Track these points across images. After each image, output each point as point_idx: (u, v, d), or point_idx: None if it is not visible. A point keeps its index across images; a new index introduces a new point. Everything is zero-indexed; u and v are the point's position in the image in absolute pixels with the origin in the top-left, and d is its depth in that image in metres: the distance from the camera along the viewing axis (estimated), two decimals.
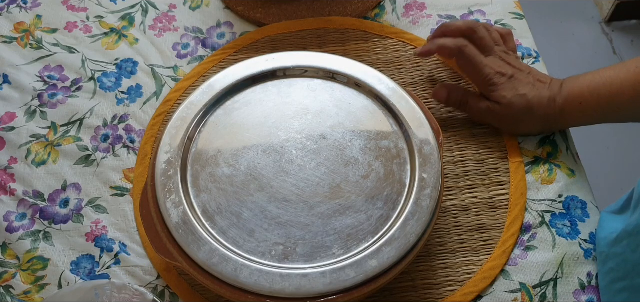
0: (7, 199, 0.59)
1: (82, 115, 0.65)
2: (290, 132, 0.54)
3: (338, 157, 0.52)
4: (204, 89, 0.55)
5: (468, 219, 0.58)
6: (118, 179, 0.61)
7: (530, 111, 0.56)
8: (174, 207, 0.49)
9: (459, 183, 0.60)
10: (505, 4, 0.73)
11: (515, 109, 0.56)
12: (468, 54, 0.57)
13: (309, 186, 0.50)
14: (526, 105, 0.56)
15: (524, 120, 0.57)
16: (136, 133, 0.64)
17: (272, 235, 0.48)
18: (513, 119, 0.57)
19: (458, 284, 0.55)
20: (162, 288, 0.55)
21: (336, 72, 0.57)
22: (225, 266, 0.46)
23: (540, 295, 0.54)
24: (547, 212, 0.58)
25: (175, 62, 0.69)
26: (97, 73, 0.68)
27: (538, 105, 0.56)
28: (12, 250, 0.57)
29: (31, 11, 0.72)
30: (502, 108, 0.57)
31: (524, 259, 0.56)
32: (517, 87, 0.56)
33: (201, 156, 0.52)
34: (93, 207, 0.59)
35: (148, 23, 0.72)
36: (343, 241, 0.48)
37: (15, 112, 0.65)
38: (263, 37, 0.70)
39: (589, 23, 1.76)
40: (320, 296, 0.45)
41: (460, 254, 0.56)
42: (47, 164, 0.61)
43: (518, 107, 0.56)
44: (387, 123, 0.54)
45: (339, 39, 0.70)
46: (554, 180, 0.60)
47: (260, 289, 0.45)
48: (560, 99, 0.56)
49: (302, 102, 0.56)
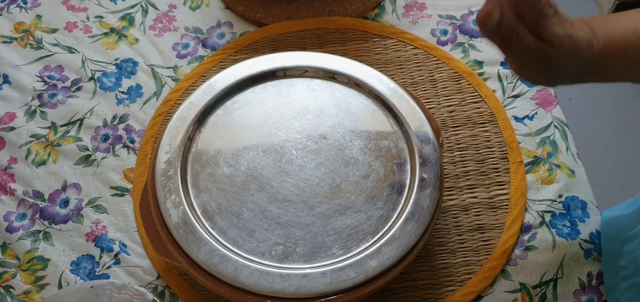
0: (7, 199, 0.59)
1: (82, 115, 0.65)
2: (290, 132, 0.53)
3: (338, 157, 0.52)
4: (204, 89, 0.55)
5: (468, 219, 0.58)
6: (118, 179, 0.61)
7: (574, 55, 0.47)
8: (174, 207, 0.49)
9: (459, 183, 0.60)
10: None
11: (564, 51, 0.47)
12: None
13: (309, 186, 0.50)
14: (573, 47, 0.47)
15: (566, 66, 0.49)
16: (136, 133, 0.64)
17: (272, 235, 0.48)
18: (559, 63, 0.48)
19: (458, 284, 0.55)
20: (162, 288, 0.55)
21: (336, 72, 0.57)
22: (225, 266, 0.46)
23: (540, 295, 0.54)
24: (547, 212, 0.58)
25: (175, 62, 0.69)
26: (97, 73, 0.67)
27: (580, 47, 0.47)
28: (12, 250, 0.57)
29: (31, 11, 0.72)
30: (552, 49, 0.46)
31: (524, 259, 0.56)
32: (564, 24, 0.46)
33: (201, 156, 0.52)
34: (93, 207, 0.59)
35: (148, 23, 0.72)
36: (343, 241, 0.48)
37: (15, 112, 0.65)
38: (263, 37, 0.70)
39: None
40: (320, 296, 0.45)
41: (460, 254, 0.56)
42: (47, 164, 0.61)
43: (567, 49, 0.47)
44: (387, 123, 0.54)
45: (339, 39, 0.70)
46: (554, 180, 0.60)
47: (260, 289, 0.45)
48: (598, 44, 0.47)
49: (302, 102, 0.55)
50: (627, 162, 1.49)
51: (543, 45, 0.46)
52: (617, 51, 0.48)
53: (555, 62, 0.48)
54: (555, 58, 0.47)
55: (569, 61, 0.48)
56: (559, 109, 0.65)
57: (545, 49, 0.46)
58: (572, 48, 0.47)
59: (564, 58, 0.47)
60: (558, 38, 0.46)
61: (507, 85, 0.66)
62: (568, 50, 0.47)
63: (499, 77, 0.67)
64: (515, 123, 0.64)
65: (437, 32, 0.71)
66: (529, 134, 0.63)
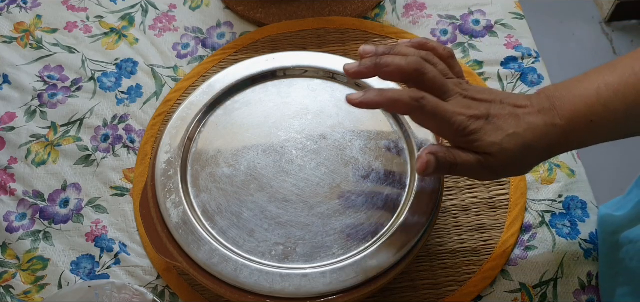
0: (7, 199, 0.59)
1: (82, 115, 0.65)
2: (290, 132, 0.53)
3: (338, 157, 0.52)
4: (204, 89, 0.55)
5: (468, 219, 0.58)
6: (118, 179, 0.61)
7: (527, 149, 0.44)
8: (174, 207, 0.49)
9: (459, 183, 0.60)
10: (505, 4, 0.73)
11: (511, 153, 0.44)
12: (430, 108, 0.44)
13: (309, 186, 0.50)
14: (522, 145, 0.44)
15: (524, 161, 0.46)
16: (136, 133, 0.64)
17: (272, 235, 0.48)
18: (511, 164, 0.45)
19: (458, 284, 0.55)
20: (162, 288, 0.55)
21: (336, 72, 0.57)
22: (225, 266, 0.46)
23: (540, 295, 0.54)
24: (547, 212, 0.58)
25: (175, 62, 0.69)
26: (97, 73, 0.67)
27: (535, 139, 0.44)
28: (12, 250, 0.57)
29: (31, 11, 0.72)
30: (495, 158, 0.44)
31: (524, 259, 0.56)
32: (502, 125, 0.44)
33: (201, 156, 0.52)
34: (93, 207, 0.59)
35: (148, 23, 0.72)
36: (343, 241, 0.48)
37: (15, 112, 0.65)
38: (263, 37, 0.70)
39: (589, 23, 1.76)
40: (320, 296, 0.45)
41: (460, 254, 0.56)
42: (47, 164, 0.61)
43: (514, 150, 0.44)
44: (387, 123, 0.54)
45: (339, 39, 0.70)
46: (554, 180, 0.60)
47: (260, 289, 0.45)
48: (561, 120, 0.44)
49: (302, 102, 0.55)
50: (627, 162, 1.49)
51: (484, 158, 0.44)
52: (584, 123, 0.44)
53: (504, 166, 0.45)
54: (501, 164, 0.45)
55: (522, 156, 0.45)
56: None
57: (488, 160, 0.44)
58: (519, 145, 0.44)
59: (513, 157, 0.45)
60: (494, 146, 0.44)
61: (507, 85, 0.66)
62: (514, 149, 0.44)
63: (499, 77, 0.67)
64: None
65: (437, 32, 0.71)
66: None
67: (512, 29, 0.71)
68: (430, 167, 0.44)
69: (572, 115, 0.44)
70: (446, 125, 0.44)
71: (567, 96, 0.45)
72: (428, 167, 0.44)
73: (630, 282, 0.50)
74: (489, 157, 0.44)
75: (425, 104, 0.44)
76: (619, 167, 1.48)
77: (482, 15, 0.72)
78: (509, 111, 0.45)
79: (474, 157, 0.44)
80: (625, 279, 0.51)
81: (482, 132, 0.44)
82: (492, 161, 0.44)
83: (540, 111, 0.45)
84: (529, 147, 0.44)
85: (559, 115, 0.44)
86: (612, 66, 0.45)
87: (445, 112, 0.44)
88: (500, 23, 0.71)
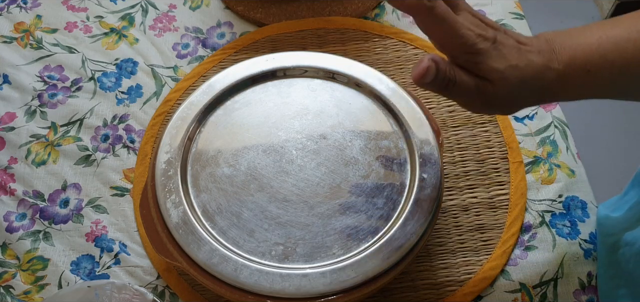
0: (7, 199, 0.59)
1: (82, 115, 0.65)
2: (290, 132, 0.53)
3: (338, 157, 0.52)
4: (204, 89, 0.55)
5: (468, 219, 0.58)
6: (118, 179, 0.61)
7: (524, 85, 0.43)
8: (174, 207, 0.49)
9: (459, 183, 0.60)
10: (505, 4, 0.73)
11: (509, 85, 0.43)
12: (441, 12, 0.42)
13: (309, 186, 0.50)
14: (521, 79, 0.43)
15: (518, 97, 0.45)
16: (136, 133, 0.64)
17: (272, 235, 0.48)
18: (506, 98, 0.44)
19: (458, 284, 0.55)
20: (162, 288, 0.55)
21: (336, 72, 0.57)
22: (225, 266, 0.46)
23: (540, 295, 0.54)
24: (547, 212, 0.58)
25: (175, 62, 0.69)
26: (97, 73, 0.67)
27: (531, 76, 0.43)
28: (12, 250, 0.57)
29: (31, 11, 0.72)
30: (493, 86, 0.43)
31: (524, 259, 0.56)
32: (506, 55, 0.43)
33: (201, 156, 0.52)
34: (93, 207, 0.59)
35: (148, 23, 0.72)
36: (343, 241, 0.48)
37: (15, 112, 0.65)
38: (263, 37, 0.70)
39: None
40: (320, 296, 0.45)
41: (460, 254, 0.56)
42: (47, 164, 0.61)
43: (512, 82, 0.43)
44: (387, 123, 0.54)
45: (339, 39, 0.70)
46: (554, 180, 0.60)
47: (260, 289, 0.45)
48: (558, 65, 0.43)
49: (302, 102, 0.55)
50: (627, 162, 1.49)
51: (482, 83, 0.43)
52: (580, 72, 0.44)
53: (499, 97, 0.44)
54: (498, 94, 0.44)
55: (518, 92, 0.44)
56: (559, 109, 0.65)
57: (486, 87, 0.43)
58: (518, 79, 0.43)
59: (511, 91, 0.44)
60: (497, 73, 0.43)
61: None
62: (513, 82, 0.43)
63: None
64: (515, 123, 0.64)
65: None
66: (529, 134, 0.63)
67: (512, 29, 0.70)
68: (429, 74, 0.42)
69: (569, 61, 0.43)
70: (453, 36, 0.42)
71: (566, 42, 0.44)
72: (427, 74, 0.42)
73: (628, 284, 0.50)
74: (488, 84, 0.43)
75: (436, 5, 0.41)
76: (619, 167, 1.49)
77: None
78: (513, 43, 0.44)
79: (473, 81, 0.43)
80: (623, 281, 0.51)
81: (487, 55, 0.43)
82: (490, 88, 0.43)
83: (540, 52, 0.44)
84: (525, 84, 0.43)
85: (557, 59, 0.44)
86: (617, 20, 0.44)
87: (455, 21, 0.42)
88: (500, 23, 0.71)
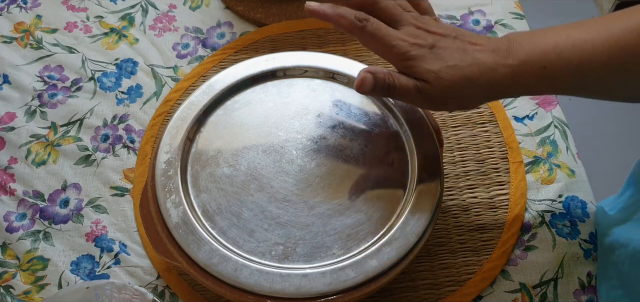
0: (7, 199, 0.59)
1: (82, 115, 0.65)
2: (290, 132, 0.53)
3: (338, 157, 0.52)
4: (204, 89, 0.55)
5: (468, 219, 0.58)
6: (118, 179, 0.61)
7: (469, 82, 0.45)
8: (174, 207, 0.49)
9: (459, 183, 0.60)
10: (505, 4, 0.73)
11: (447, 83, 0.45)
12: (370, 30, 0.46)
13: (309, 186, 0.50)
14: (461, 77, 0.45)
15: (463, 94, 0.47)
16: (136, 133, 0.64)
17: (272, 235, 0.48)
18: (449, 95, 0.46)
19: (458, 284, 0.55)
20: (162, 288, 0.55)
21: (336, 72, 0.57)
22: (225, 266, 0.46)
23: (540, 295, 0.54)
24: (547, 212, 0.58)
25: (175, 62, 0.69)
26: (97, 73, 0.68)
27: (478, 74, 0.45)
28: (12, 250, 0.57)
29: (31, 11, 0.72)
30: (431, 86, 0.45)
31: (524, 259, 0.56)
32: (444, 57, 0.45)
33: (201, 155, 0.52)
34: (93, 207, 0.59)
35: (148, 23, 0.72)
36: (343, 241, 0.48)
37: (15, 112, 0.65)
38: (263, 37, 0.70)
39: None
40: (320, 296, 0.45)
41: (460, 254, 0.56)
42: (47, 164, 0.61)
43: (451, 81, 0.45)
44: (387, 123, 0.54)
45: (339, 39, 0.70)
46: (554, 180, 0.60)
47: (260, 289, 0.45)
48: (512, 61, 0.45)
49: (302, 102, 0.55)
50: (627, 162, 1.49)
51: (421, 84, 0.46)
52: (536, 68, 0.45)
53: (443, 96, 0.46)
54: (441, 93, 0.46)
55: (463, 88, 0.46)
56: (559, 109, 0.65)
57: (425, 87, 0.46)
58: (460, 77, 0.45)
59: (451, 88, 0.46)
60: (431, 74, 0.45)
61: None
62: (454, 82, 0.45)
63: None
64: (515, 123, 0.64)
65: None
66: (529, 134, 0.63)
67: (512, 29, 0.71)
68: (366, 84, 0.46)
69: (526, 58, 0.45)
70: (386, 49, 0.46)
71: (526, 41, 0.46)
72: (364, 84, 0.46)
73: (623, 285, 0.51)
74: (425, 84, 0.46)
75: (366, 25, 0.46)
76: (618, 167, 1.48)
77: (482, 15, 0.72)
78: (459, 46, 0.46)
79: (412, 83, 0.46)
80: (618, 282, 0.51)
81: (420, 59, 0.46)
82: (428, 88, 0.46)
83: (494, 51, 0.46)
84: (469, 81, 0.45)
85: (513, 56, 0.45)
86: (582, 23, 0.46)
87: (387, 36, 0.46)
88: (500, 23, 0.71)
